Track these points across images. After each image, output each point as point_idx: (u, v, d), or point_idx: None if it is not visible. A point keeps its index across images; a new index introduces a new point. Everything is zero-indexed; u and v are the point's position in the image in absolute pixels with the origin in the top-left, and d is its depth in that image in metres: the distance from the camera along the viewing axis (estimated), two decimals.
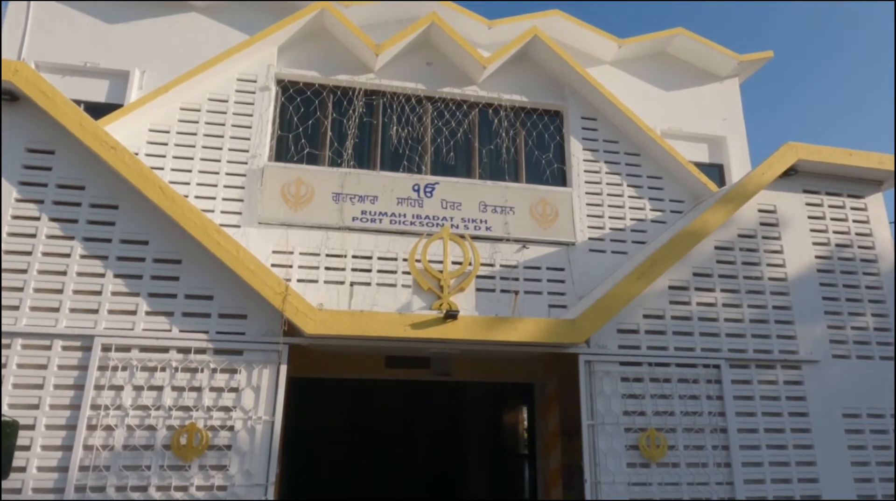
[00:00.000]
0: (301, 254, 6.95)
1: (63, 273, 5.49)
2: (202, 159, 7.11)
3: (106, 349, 5.37)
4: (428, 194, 7.49)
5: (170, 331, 5.53)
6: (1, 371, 5.12)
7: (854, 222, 7.21)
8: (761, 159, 7.00)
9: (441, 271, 6.93)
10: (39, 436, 5.10)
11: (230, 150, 7.21)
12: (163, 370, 5.44)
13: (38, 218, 5.58)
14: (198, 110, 7.29)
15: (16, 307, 5.33)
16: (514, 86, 8.29)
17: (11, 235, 5.49)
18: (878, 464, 6.35)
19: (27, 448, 5.04)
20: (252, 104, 7.44)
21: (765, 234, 6.93)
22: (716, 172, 9.78)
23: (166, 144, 7.08)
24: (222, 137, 7.25)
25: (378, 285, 6.98)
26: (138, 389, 5.36)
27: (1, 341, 5.19)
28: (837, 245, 7.06)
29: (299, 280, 6.82)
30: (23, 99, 5.74)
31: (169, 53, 8.61)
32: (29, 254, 5.47)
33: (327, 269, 6.94)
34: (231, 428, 5.40)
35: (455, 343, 6.13)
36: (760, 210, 6.99)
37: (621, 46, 9.97)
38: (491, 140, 8.15)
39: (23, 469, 5.00)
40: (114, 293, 5.52)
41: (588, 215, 7.83)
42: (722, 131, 10.05)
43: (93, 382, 5.26)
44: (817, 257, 6.96)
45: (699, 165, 8.90)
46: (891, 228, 7.35)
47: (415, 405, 10.60)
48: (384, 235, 7.22)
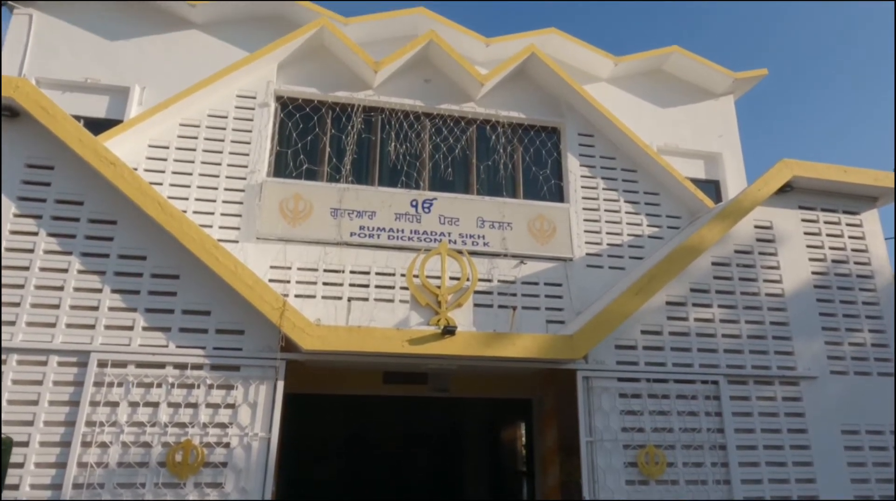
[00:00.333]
0: (299, 269, 6.94)
1: (60, 289, 5.48)
2: (201, 175, 7.13)
3: (102, 364, 5.35)
4: (426, 210, 7.51)
5: (167, 347, 5.52)
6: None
7: (850, 238, 7.26)
8: (757, 176, 7.06)
9: (439, 287, 6.93)
10: (33, 453, 5.06)
11: (229, 165, 7.23)
12: (159, 386, 5.41)
13: (37, 233, 5.59)
14: (197, 126, 7.32)
15: (12, 323, 5.31)
16: (512, 103, 8.35)
17: (9, 250, 5.50)
18: (878, 481, 6.33)
19: (21, 465, 5.00)
20: (251, 120, 7.48)
21: (761, 250, 6.96)
22: (712, 188, 9.83)
23: (165, 160, 7.11)
24: (221, 152, 7.27)
25: (376, 300, 6.97)
26: (134, 405, 5.33)
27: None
28: (834, 261, 7.09)
29: (297, 296, 6.80)
30: (23, 115, 5.77)
31: (169, 70, 8.67)
32: (26, 269, 5.48)
33: (325, 284, 6.93)
34: (227, 445, 5.37)
35: (453, 359, 6.11)
36: (757, 226, 7.03)
37: (617, 64, 10.08)
38: (489, 156, 8.19)
39: (16, 486, 4.96)
40: (111, 309, 5.52)
41: (585, 231, 7.85)
42: (718, 148, 10.12)
43: (88, 398, 5.24)
44: (814, 273, 6.98)
45: (695, 182, 8.94)
46: (887, 244, 7.39)
47: (413, 420, 10.55)
48: (382, 250, 7.22)
